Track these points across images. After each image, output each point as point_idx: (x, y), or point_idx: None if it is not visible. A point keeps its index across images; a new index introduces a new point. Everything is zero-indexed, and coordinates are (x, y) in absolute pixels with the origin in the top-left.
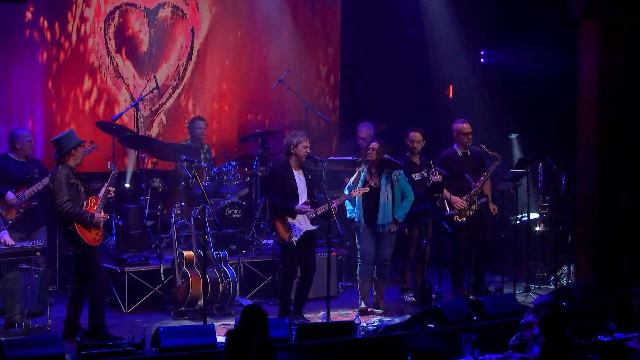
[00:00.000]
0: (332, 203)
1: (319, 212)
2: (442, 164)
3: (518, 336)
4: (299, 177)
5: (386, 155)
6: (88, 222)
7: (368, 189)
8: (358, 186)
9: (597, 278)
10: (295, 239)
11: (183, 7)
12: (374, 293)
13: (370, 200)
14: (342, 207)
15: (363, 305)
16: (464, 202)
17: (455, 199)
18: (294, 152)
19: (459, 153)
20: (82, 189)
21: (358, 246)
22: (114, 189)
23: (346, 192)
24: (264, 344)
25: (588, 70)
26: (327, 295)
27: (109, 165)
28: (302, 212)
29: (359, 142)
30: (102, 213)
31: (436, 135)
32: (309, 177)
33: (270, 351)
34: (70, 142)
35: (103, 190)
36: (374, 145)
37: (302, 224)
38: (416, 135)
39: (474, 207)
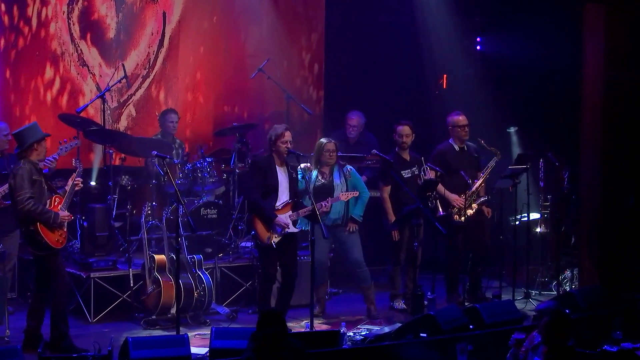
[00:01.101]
0: (327, 202)
1: (301, 214)
2: (438, 160)
3: (512, 352)
4: (282, 175)
5: (374, 151)
6: (51, 222)
7: (357, 192)
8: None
9: (602, 283)
10: (275, 240)
11: None
12: (365, 301)
13: (325, 197)
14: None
15: (317, 308)
16: (463, 200)
17: (453, 196)
18: (274, 148)
19: (456, 148)
20: (46, 187)
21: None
22: (81, 179)
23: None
24: (298, 351)
25: (593, 59)
26: (311, 303)
27: (73, 162)
28: (281, 226)
29: (347, 132)
30: (66, 212)
31: (429, 128)
32: (293, 175)
33: (304, 358)
34: (33, 136)
35: (67, 188)
36: (332, 146)
37: (280, 230)
38: (405, 129)
39: (473, 206)
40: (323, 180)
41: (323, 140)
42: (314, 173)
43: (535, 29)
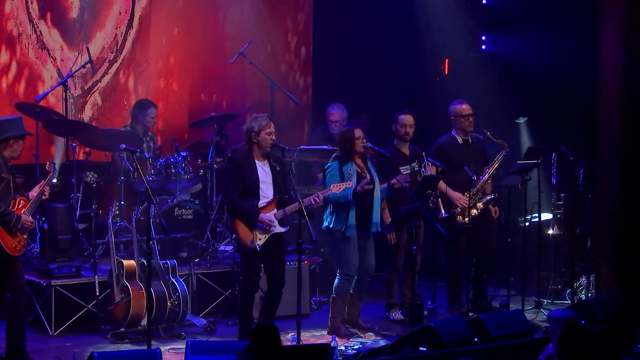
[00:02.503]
0: (316, 197)
1: (287, 212)
2: (439, 154)
3: None
4: (263, 170)
5: (369, 144)
6: (12, 225)
7: (351, 183)
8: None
9: (621, 291)
10: (260, 242)
11: None
12: (348, 310)
13: (365, 198)
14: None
15: (332, 325)
16: (467, 198)
17: (456, 195)
18: (255, 140)
19: (459, 140)
20: (13, 187)
21: (341, 259)
22: (49, 188)
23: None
24: None
25: (611, 41)
26: (298, 313)
27: (47, 165)
28: (265, 224)
29: (330, 128)
30: (30, 218)
31: (429, 119)
32: (277, 168)
33: None
34: (12, 130)
35: (35, 192)
36: (360, 132)
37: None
38: (408, 119)
39: (479, 205)
40: (363, 175)
41: (348, 128)
42: (353, 167)
43: (547, 9)
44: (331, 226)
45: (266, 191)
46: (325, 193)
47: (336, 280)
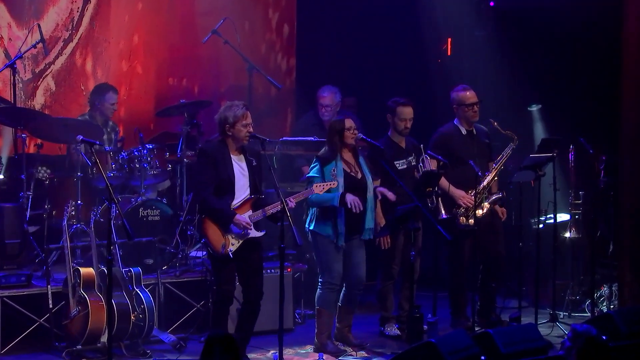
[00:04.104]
0: (289, 201)
1: (268, 212)
2: (441, 146)
3: None
4: (239, 165)
5: (360, 135)
6: None
7: (336, 183)
8: (341, 185)
9: None
10: (233, 248)
11: None
12: (338, 324)
13: (362, 197)
14: (299, 207)
15: (319, 342)
16: (472, 197)
17: (459, 193)
18: (230, 133)
19: (463, 131)
20: None
21: (322, 264)
22: None
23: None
24: None
25: (636, 17)
26: (280, 328)
27: None
28: (241, 226)
29: (320, 113)
30: None
31: (428, 107)
32: (254, 163)
33: None
34: None
35: None
36: (351, 122)
37: (240, 230)
38: (408, 111)
39: (484, 205)
40: (353, 174)
41: (338, 118)
42: (340, 165)
43: None
44: (315, 230)
45: (241, 189)
46: (305, 194)
47: (318, 290)
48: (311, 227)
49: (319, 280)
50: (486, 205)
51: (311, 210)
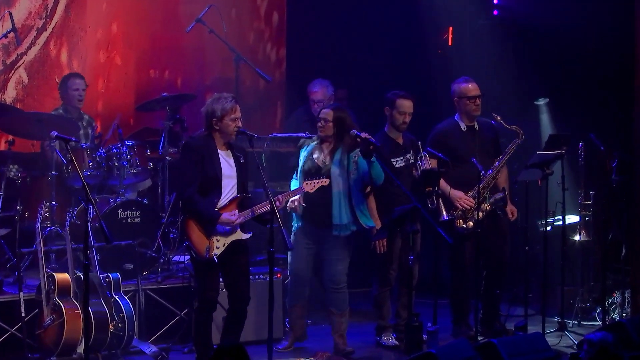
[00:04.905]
0: (277, 201)
1: (256, 213)
2: (439, 143)
3: None
4: (226, 161)
5: (354, 131)
6: None
7: (327, 180)
8: (298, 174)
9: None
10: (218, 252)
11: None
12: (332, 334)
13: (318, 192)
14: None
15: (285, 342)
16: (471, 198)
17: (458, 194)
18: (217, 127)
19: (463, 127)
20: None
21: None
22: None
23: (294, 184)
24: None
25: None
26: (269, 338)
27: None
28: (228, 224)
29: (312, 109)
30: None
31: (428, 100)
32: (241, 160)
33: None
34: None
35: None
36: (327, 113)
37: (228, 229)
38: (408, 104)
39: (485, 206)
40: (317, 161)
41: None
42: (311, 146)
43: None
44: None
45: (228, 187)
46: (295, 193)
47: None
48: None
49: None
50: (486, 206)
51: None
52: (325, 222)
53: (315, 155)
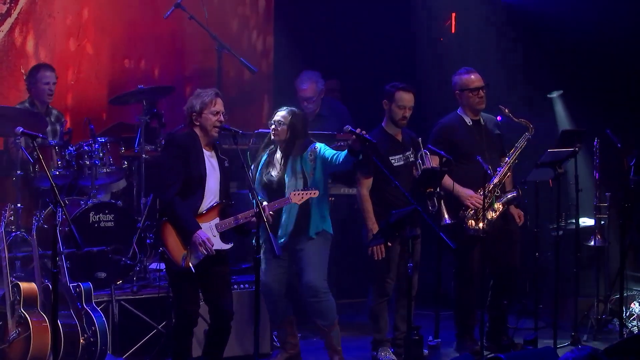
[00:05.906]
0: (263, 210)
1: (241, 221)
2: (442, 140)
3: None
4: (211, 162)
5: (348, 127)
6: None
7: (317, 192)
8: (256, 181)
9: None
10: (195, 261)
11: None
12: (326, 349)
13: (273, 197)
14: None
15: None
16: (481, 196)
17: (466, 192)
18: (197, 123)
19: (468, 121)
20: None
21: None
22: None
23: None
24: None
25: None
26: (255, 352)
27: None
28: (200, 246)
29: (302, 105)
30: None
31: (428, 93)
32: (226, 164)
33: None
34: None
35: None
36: (282, 115)
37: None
38: (406, 97)
39: (496, 206)
40: (272, 174)
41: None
42: (263, 158)
43: None
44: None
45: (211, 190)
46: (281, 203)
47: None
48: None
49: None
50: (498, 206)
51: None
52: (294, 232)
53: (272, 172)
